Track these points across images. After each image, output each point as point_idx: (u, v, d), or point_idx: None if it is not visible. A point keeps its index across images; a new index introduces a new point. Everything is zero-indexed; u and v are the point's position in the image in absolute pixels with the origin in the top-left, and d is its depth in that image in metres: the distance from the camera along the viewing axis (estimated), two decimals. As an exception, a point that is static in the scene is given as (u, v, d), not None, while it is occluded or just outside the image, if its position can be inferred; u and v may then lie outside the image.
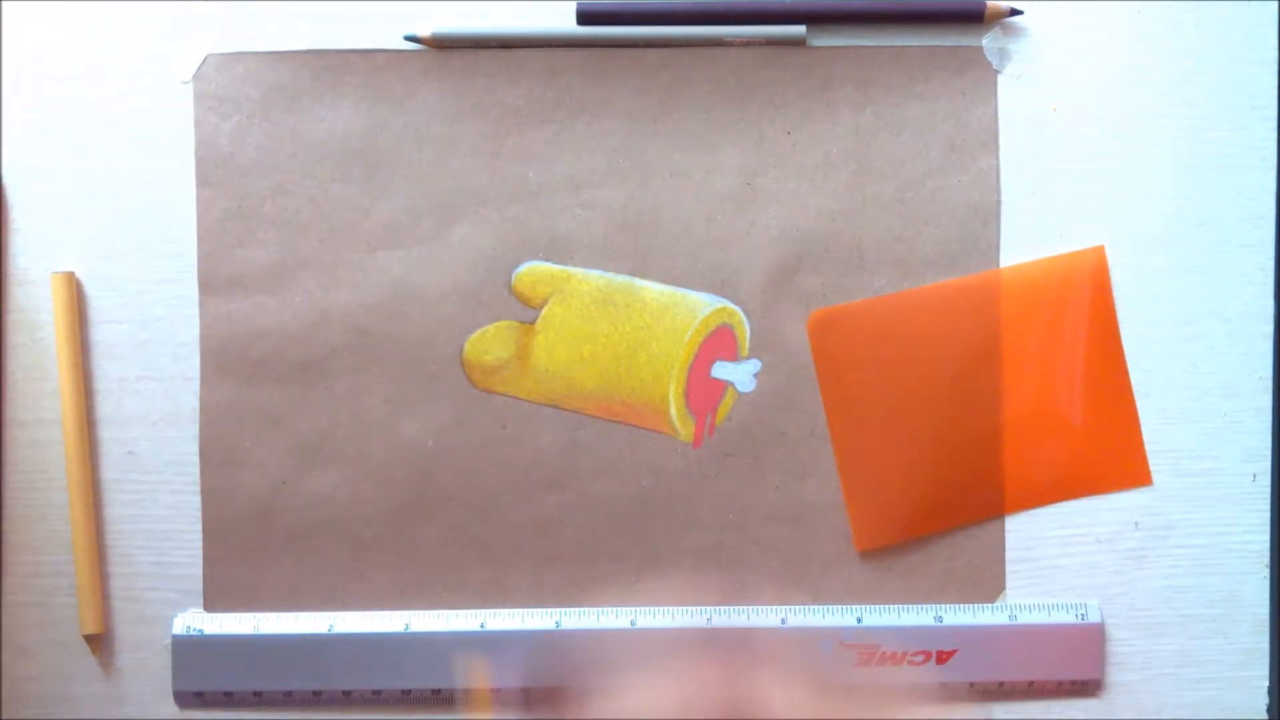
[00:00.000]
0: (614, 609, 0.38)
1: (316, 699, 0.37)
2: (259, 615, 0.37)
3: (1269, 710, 0.38)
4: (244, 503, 0.38)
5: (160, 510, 0.38)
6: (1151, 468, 0.38)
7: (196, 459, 0.38)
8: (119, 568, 0.38)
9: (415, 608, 0.38)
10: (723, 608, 0.38)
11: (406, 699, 0.37)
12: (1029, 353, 0.38)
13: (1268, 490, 0.38)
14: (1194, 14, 0.38)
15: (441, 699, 0.37)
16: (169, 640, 0.37)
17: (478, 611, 0.38)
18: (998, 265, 0.38)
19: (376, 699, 0.37)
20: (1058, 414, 0.38)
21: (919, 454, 0.38)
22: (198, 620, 0.37)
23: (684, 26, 0.38)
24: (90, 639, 0.37)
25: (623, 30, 0.38)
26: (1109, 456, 0.38)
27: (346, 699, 0.37)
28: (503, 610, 0.38)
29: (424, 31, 0.38)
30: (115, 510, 0.38)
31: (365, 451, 0.38)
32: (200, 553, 0.38)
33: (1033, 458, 0.38)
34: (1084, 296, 0.38)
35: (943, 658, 0.37)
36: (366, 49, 0.38)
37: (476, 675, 0.36)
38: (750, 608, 0.38)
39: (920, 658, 0.37)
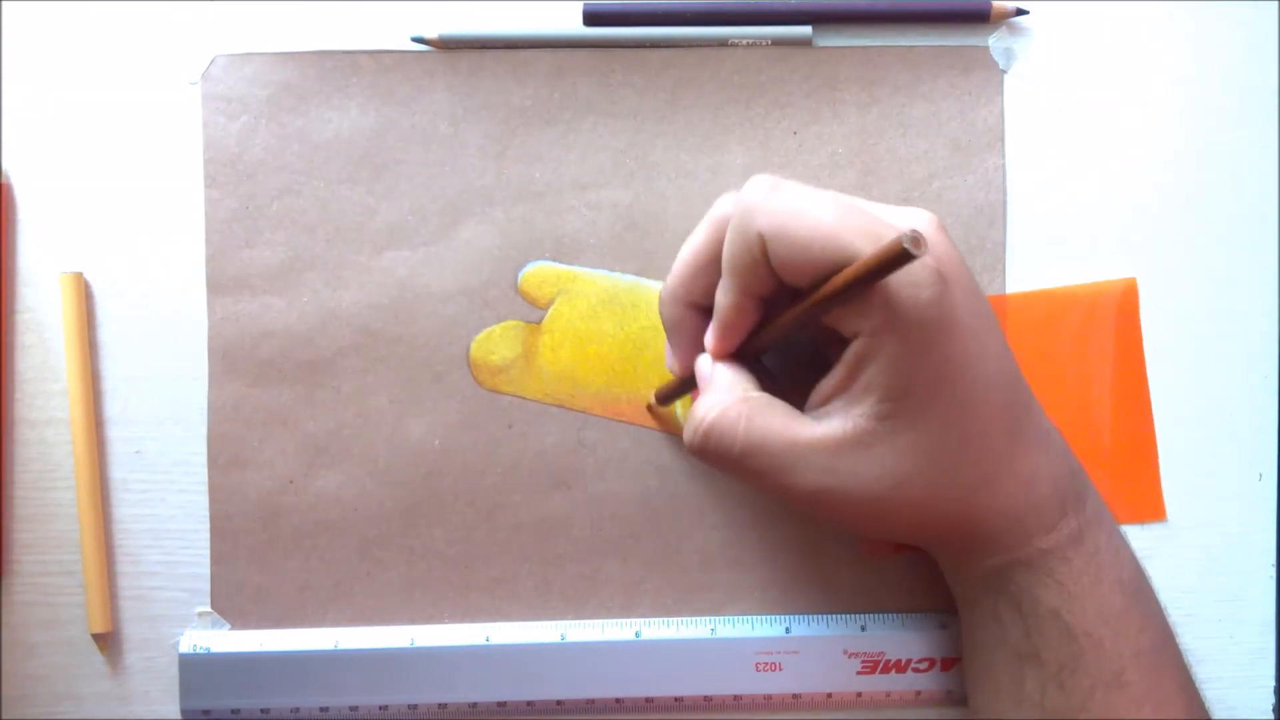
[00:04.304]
0: (618, 621, 0.38)
1: (324, 715, 0.37)
2: (264, 633, 0.37)
3: (1275, 710, 0.38)
4: (251, 502, 0.38)
5: (168, 509, 0.38)
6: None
7: (204, 458, 0.38)
8: (126, 566, 0.38)
9: (421, 607, 0.38)
10: (726, 617, 0.38)
11: (413, 714, 0.37)
12: (1044, 379, 0.37)
13: (1274, 490, 0.38)
14: (1200, 13, 0.38)
15: (448, 714, 0.37)
16: (176, 639, 0.37)
17: (483, 625, 0.38)
18: (1004, 266, 0.38)
19: (383, 714, 0.37)
20: (1075, 441, 0.38)
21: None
22: (204, 639, 0.37)
23: (690, 27, 0.38)
24: (98, 637, 0.38)
25: (629, 31, 0.38)
26: (1123, 488, 0.38)
27: (354, 714, 0.37)
28: (507, 624, 0.38)
29: (430, 32, 0.38)
30: (123, 509, 0.38)
31: (372, 451, 0.38)
32: (208, 551, 0.38)
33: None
34: (1109, 327, 0.38)
35: (947, 665, 0.37)
36: (373, 50, 0.38)
37: None
38: (755, 617, 0.38)
39: (925, 665, 0.37)
